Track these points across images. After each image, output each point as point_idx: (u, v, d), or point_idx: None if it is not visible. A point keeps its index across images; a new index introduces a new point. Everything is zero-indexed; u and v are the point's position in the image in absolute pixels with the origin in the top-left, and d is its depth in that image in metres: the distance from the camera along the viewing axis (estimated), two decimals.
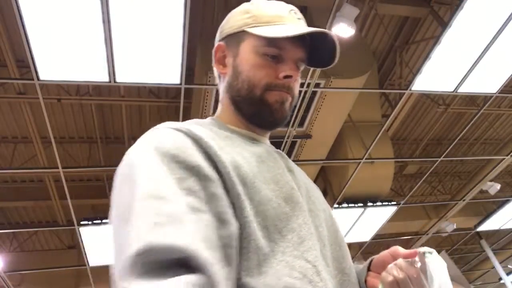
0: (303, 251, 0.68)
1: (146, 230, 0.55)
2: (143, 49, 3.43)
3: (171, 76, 3.73)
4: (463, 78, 4.39)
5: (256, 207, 0.67)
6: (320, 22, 3.92)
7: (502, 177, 7.75)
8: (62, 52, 3.33)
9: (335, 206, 6.01)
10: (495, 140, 7.64)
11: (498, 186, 6.77)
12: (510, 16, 3.76)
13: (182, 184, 0.61)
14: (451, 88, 4.54)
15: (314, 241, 0.72)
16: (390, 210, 6.36)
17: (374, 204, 6.15)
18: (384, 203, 6.21)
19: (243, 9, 0.87)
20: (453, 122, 7.09)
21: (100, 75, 3.57)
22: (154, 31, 3.31)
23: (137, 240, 0.54)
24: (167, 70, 3.68)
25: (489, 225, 7.94)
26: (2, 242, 6.85)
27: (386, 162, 5.94)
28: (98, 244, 5.77)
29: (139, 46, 3.40)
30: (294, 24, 0.84)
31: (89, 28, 3.18)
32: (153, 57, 3.53)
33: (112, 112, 5.40)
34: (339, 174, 6.13)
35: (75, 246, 6.95)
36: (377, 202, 6.18)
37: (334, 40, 0.82)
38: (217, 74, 0.91)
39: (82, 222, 5.34)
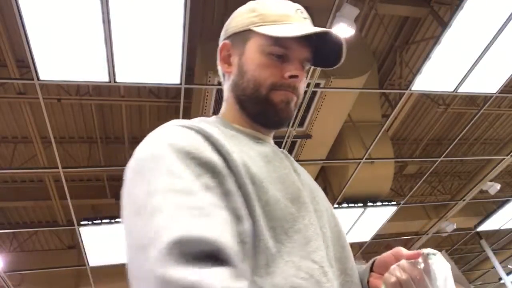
0: (310, 252, 0.68)
1: (175, 222, 0.54)
2: (143, 49, 3.43)
3: (171, 76, 3.73)
4: (463, 78, 4.39)
5: (263, 207, 0.67)
6: (320, 22, 3.91)
7: (502, 177, 7.74)
8: (62, 52, 3.33)
9: (335, 206, 6.00)
10: (495, 140, 7.63)
11: (498, 186, 6.77)
12: (510, 16, 3.76)
13: (200, 180, 0.62)
14: (451, 88, 4.54)
15: (320, 241, 0.72)
16: (390, 210, 6.36)
17: (374, 204, 6.15)
18: (384, 203, 6.20)
19: (249, 7, 0.86)
20: (453, 122, 7.09)
21: (100, 75, 3.57)
22: (154, 31, 3.30)
23: (168, 231, 0.53)
24: (167, 70, 3.68)
25: (489, 225, 7.94)
26: (2, 242, 6.84)
27: (386, 162, 5.93)
28: (98, 244, 5.78)
29: (139, 46, 3.40)
30: (300, 23, 0.83)
31: (89, 28, 3.17)
32: (153, 57, 3.52)
33: (112, 112, 5.40)
34: (339, 174, 6.13)
35: (75, 246, 6.94)
36: (377, 202, 6.18)
37: (340, 40, 0.82)
38: (221, 73, 0.90)
39: (82, 222, 5.34)
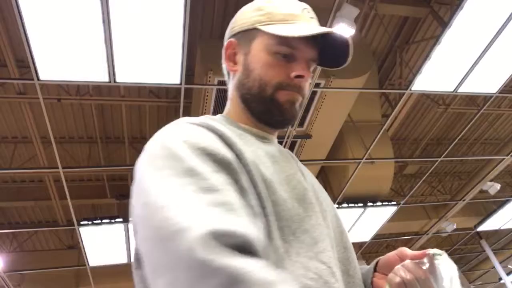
0: (317, 253, 0.67)
1: (203, 217, 0.54)
2: (143, 49, 3.43)
3: (171, 76, 3.73)
4: (463, 78, 4.39)
5: (271, 207, 0.67)
6: (320, 22, 3.90)
7: (502, 177, 7.74)
8: (62, 52, 3.33)
9: (335, 206, 5.99)
10: (495, 140, 7.63)
11: (498, 186, 6.77)
12: (510, 16, 3.76)
13: (220, 175, 0.62)
14: (451, 88, 4.54)
15: (327, 242, 0.71)
16: (390, 210, 6.36)
17: (374, 204, 6.15)
18: (384, 203, 6.20)
19: (256, 6, 0.85)
20: (453, 122, 7.09)
21: (100, 75, 3.57)
22: (154, 31, 3.30)
23: (198, 225, 0.52)
24: (167, 70, 3.68)
25: (489, 225, 7.94)
26: (2, 242, 6.84)
27: (386, 162, 5.93)
28: (98, 244, 5.78)
29: (139, 46, 3.40)
30: (307, 23, 0.83)
31: (89, 28, 3.17)
32: (153, 57, 3.52)
33: (112, 112, 5.39)
34: (339, 174, 6.13)
35: (75, 246, 6.94)
36: (377, 202, 6.18)
37: (347, 41, 0.82)
38: (226, 72, 0.90)
39: (82, 222, 5.35)
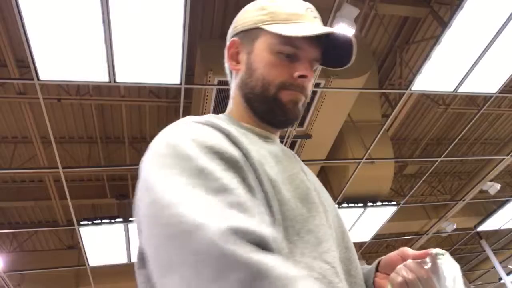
0: (322, 253, 0.67)
1: (220, 214, 0.54)
2: (143, 49, 3.43)
3: (171, 76, 3.73)
4: (463, 78, 4.39)
5: (278, 206, 0.67)
6: None
7: (502, 177, 7.74)
8: (62, 52, 3.32)
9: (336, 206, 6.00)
10: (495, 140, 7.63)
11: (498, 186, 6.77)
12: (510, 16, 3.76)
13: (229, 174, 0.61)
14: (451, 88, 4.54)
15: (331, 242, 0.71)
16: (390, 210, 6.36)
17: (374, 204, 6.15)
18: (384, 203, 6.20)
19: (259, 5, 0.85)
20: (453, 122, 7.09)
21: (100, 75, 3.56)
22: (154, 31, 3.30)
23: (216, 221, 0.52)
24: (167, 70, 3.68)
25: (489, 225, 7.94)
26: (2, 242, 6.85)
27: (386, 162, 5.93)
28: (98, 244, 5.78)
29: (139, 46, 3.40)
30: (311, 23, 0.82)
31: (89, 28, 3.17)
32: (153, 57, 3.52)
33: (112, 112, 5.39)
34: (339, 174, 6.13)
35: (75, 246, 6.95)
36: (377, 202, 6.17)
37: (351, 41, 0.81)
38: (228, 71, 0.90)
39: (82, 222, 5.35)
